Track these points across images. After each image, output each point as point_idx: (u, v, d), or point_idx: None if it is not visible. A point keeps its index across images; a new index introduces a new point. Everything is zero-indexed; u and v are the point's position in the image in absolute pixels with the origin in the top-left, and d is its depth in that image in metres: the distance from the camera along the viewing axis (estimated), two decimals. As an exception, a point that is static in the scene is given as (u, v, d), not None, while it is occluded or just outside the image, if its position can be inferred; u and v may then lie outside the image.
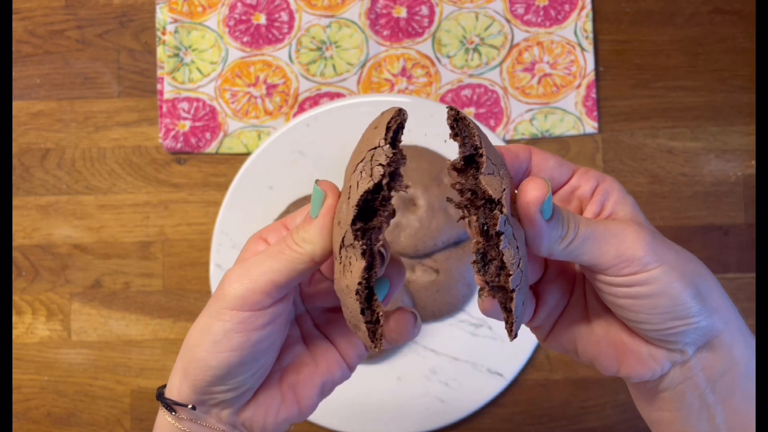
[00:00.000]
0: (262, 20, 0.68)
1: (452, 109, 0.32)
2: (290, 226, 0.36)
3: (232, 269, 0.34)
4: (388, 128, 0.30)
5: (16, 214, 0.68)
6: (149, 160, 0.68)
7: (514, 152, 0.35)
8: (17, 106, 0.68)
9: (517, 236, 0.31)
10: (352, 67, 0.68)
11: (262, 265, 0.33)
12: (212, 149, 0.68)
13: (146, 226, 0.67)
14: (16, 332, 0.67)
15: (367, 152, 0.30)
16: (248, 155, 0.67)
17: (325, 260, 0.33)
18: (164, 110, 0.68)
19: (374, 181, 0.30)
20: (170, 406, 0.36)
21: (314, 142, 0.65)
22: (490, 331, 0.65)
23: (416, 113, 0.65)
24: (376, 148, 0.30)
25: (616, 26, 0.68)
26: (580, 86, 0.68)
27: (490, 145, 0.32)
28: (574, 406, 0.66)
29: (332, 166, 0.65)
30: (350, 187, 0.30)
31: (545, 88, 0.68)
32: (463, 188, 0.31)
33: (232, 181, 0.65)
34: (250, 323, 0.33)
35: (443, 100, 0.68)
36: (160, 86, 0.68)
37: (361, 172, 0.30)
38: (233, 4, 0.68)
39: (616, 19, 0.68)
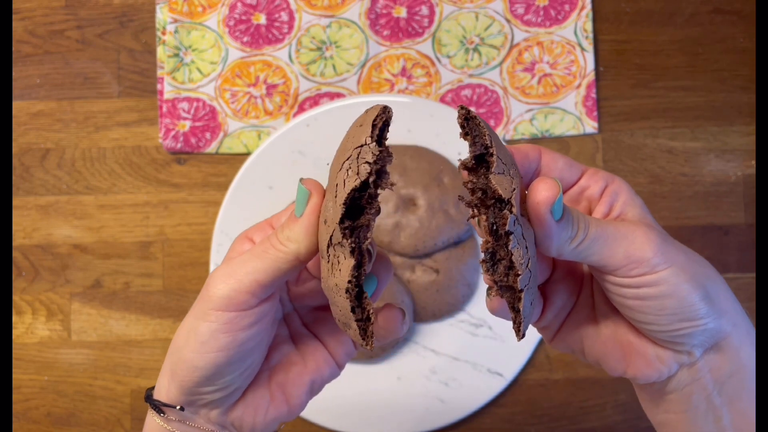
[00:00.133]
0: (262, 20, 0.68)
1: (463, 108, 0.32)
2: (276, 225, 0.36)
3: (217, 269, 0.34)
4: (373, 126, 0.30)
5: (16, 214, 0.68)
6: (149, 160, 0.68)
7: (524, 152, 0.35)
8: (17, 106, 0.68)
9: (526, 236, 0.31)
10: (352, 67, 0.68)
11: (246, 265, 0.33)
12: (212, 149, 0.68)
13: (146, 226, 0.67)
14: (16, 332, 0.67)
15: (353, 150, 0.30)
16: (248, 155, 0.67)
17: (310, 259, 0.33)
18: (164, 110, 0.68)
19: (361, 179, 0.30)
20: (158, 407, 0.36)
21: (314, 142, 0.65)
22: (490, 331, 0.65)
23: (416, 113, 0.65)
24: (362, 146, 0.30)
25: (616, 26, 0.68)
26: (580, 86, 0.68)
27: (500, 144, 0.32)
28: (574, 406, 0.66)
29: (332, 166, 0.65)
30: (336, 185, 0.30)
31: (545, 88, 0.68)
32: (474, 187, 0.31)
33: (232, 181, 0.65)
34: (236, 323, 0.33)
35: (443, 100, 0.68)
36: (160, 86, 0.68)
37: (347, 170, 0.30)
38: (233, 4, 0.68)
39: (616, 19, 0.68)
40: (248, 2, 0.68)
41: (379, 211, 0.31)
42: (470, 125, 0.31)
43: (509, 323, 0.33)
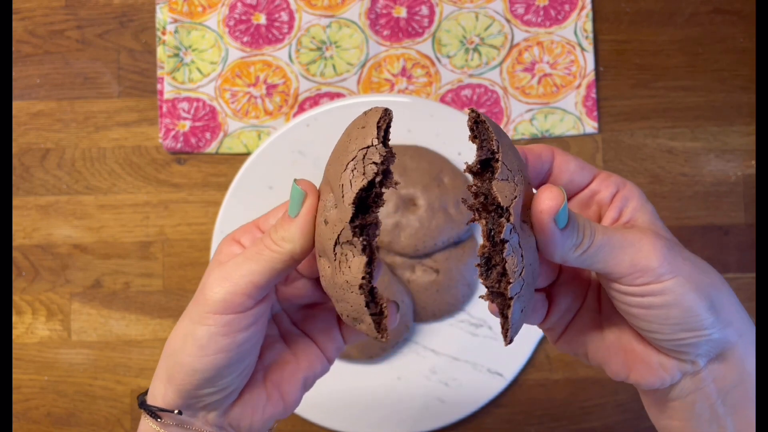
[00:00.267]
0: (262, 20, 0.68)
1: (473, 111, 0.32)
2: (263, 226, 0.37)
3: (212, 273, 0.34)
4: (378, 128, 0.31)
5: (16, 214, 0.68)
6: (149, 160, 0.68)
7: (536, 153, 0.35)
8: (17, 106, 0.68)
9: (523, 244, 0.31)
10: (352, 67, 0.68)
11: (241, 267, 0.34)
12: (212, 149, 0.68)
13: (146, 226, 0.67)
14: (16, 332, 0.67)
15: (358, 151, 0.31)
16: (248, 155, 0.67)
17: (303, 258, 0.34)
18: (164, 110, 0.68)
19: (368, 178, 0.30)
20: (155, 413, 0.36)
21: (314, 142, 0.65)
22: (490, 331, 0.65)
23: (416, 113, 0.65)
24: (369, 147, 0.31)
25: (616, 26, 0.68)
26: (580, 86, 0.68)
27: (509, 149, 0.32)
28: (574, 406, 0.66)
29: (332, 166, 0.65)
30: (342, 185, 0.31)
31: (545, 88, 0.68)
32: (477, 191, 0.32)
33: (232, 181, 0.65)
34: (234, 325, 0.34)
35: (443, 100, 0.68)
36: (160, 86, 0.68)
37: (352, 170, 0.31)
38: (233, 4, 0.68)
39: (616, 19, 0.68)
40: (248, 2, 0.68)
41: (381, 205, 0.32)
42: (479, 129, 0.32)
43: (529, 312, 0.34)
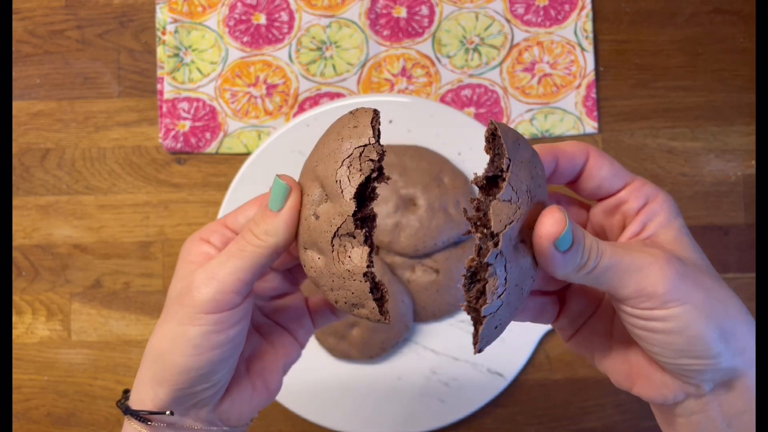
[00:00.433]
0: (262, 20, 0.68)
1: (493, 123, 0.32)
2: (232, 225, 0.38)
3: (196, 274, 0.35)
4: (373, 128, 0.33)
5: (16, 214, 0.68)
6: (149, 160, 0.68)
7: (569, 154, 0.35)
8: (17, 106, 0.68)
9: (512, 266, 0.31)
10: (352, 67, 0.68)
11: (226, 265, 0.34)
12: (212, 149, 0.68)
13: (146, 226, 0.67)
14: (16, 332, 0.67)
15: (354, 149, 0.32)
16: (248, 155, 0.67)
17: (284, 251, 0.35)
18: (164, 110, 0.68)
19: (365, 174, 0.32)
20: (144, 418, 0.37)
21: (314, 142, 0.65)
22: (490, 331, 0.65)
23: (416, 113, 0.65)
24: (366, 145, 0.32)
25: (616, 26, 0.68)
26: (580, 86, 0.68)
27: (524, 165, 0.32)
28: (574, 406, 0.66)
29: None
30: (339, 181, 0.32)
31: (545, 88, 0.68)
32: (478, 206, 0.32)
33: (232, 181, 0.65)
34: (226, 322, 0.35)
35: (443, 100, 0.68)
36: (160, 86, 0.68)
37: (349, 167, 0.32)
38: (233, 4, 0.68)
39: (616, 19, 0.68)
40: (248, 2, 0.68)
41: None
42: (494, 143, 0.32)
43: (509, 324, 0.34)
